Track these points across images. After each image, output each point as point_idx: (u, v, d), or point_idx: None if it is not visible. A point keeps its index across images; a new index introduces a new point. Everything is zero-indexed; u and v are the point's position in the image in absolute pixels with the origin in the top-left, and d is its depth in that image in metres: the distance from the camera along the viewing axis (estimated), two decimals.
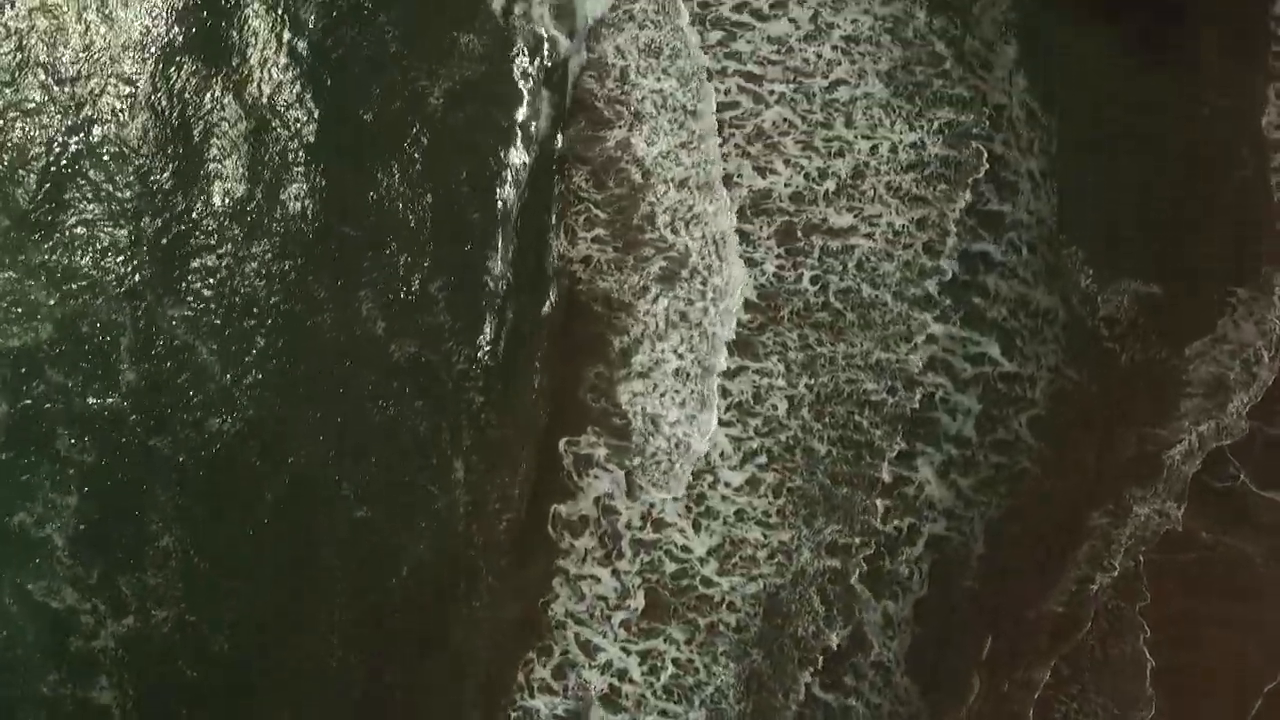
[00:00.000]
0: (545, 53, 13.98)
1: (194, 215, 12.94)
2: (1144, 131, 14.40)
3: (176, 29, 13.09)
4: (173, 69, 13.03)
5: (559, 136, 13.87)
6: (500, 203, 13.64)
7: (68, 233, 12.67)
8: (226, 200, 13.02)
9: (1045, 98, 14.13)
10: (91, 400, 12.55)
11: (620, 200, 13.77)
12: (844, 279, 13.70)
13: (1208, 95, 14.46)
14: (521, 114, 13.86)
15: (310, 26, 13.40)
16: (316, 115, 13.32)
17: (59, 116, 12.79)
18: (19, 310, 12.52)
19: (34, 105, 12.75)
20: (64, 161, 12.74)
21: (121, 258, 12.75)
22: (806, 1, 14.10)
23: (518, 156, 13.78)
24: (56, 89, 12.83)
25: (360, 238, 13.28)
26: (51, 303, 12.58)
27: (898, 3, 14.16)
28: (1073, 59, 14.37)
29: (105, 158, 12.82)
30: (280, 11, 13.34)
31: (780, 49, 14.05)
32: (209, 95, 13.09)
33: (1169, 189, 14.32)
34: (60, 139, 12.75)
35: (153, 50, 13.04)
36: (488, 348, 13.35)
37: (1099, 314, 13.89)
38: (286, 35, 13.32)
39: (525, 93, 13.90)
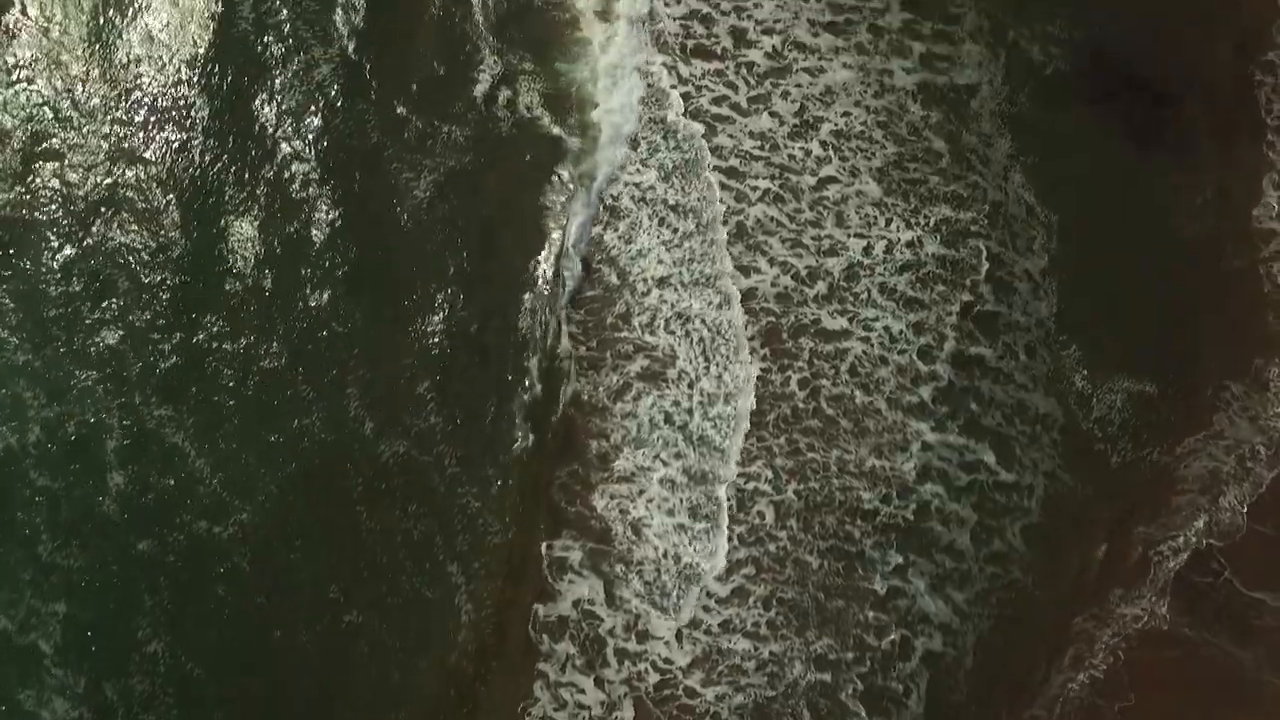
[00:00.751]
0: (535, 142, 13.75)
1: (181, 316, 12.83)
2: (1138, 223, 14.19)
3: (165, 125, 12.95)
4: (162, 168, 12.90)
5: (548, 230, 13.65)
6: (489, 299, 13.47)
7: (55, 333, 12.58)
8: (214, 301, 12.90)
9: (1042, 192, 13.90)
10: (78, 504, 12.48)
11: (591, 301, 13.50)
12: (836, 384, 13.43)
13: (1202, 185, 14.21)
14: (511, 207, 13.67)
15: (297, 120, 13.23)
16: (303, 214, 13.17)
17: (50, 218, 12.67)
18: (5, 412, 12.43)
19: (24, 206, 12.63)
20: (51, 262, 12.63)
21: (109, 359, 12.66)
22: (791, 95, 13.77)
23: (506, 250, 13.59)
24: (50, 192, 12.71)
25: (346, 335, 13.16)
26: (38, 404, 12.49)
27: (890, 96, 13.87)
28: (1067, 151, 14.13)
29: (93, 259, 12.70)
30: (273, 108, 13.17)
31: (764, 145, 13.73)
32: (198, 196, 12.97)
33: (1163, 282, 14.11)
34: (49, 240, 12.63)
35: (141, 148, 12.90)
36: (479, 448, 13.23)
37: (1093, 415, 13.68)
38: (279, 132, 13.16)
39: (513, 184, 13.71)
